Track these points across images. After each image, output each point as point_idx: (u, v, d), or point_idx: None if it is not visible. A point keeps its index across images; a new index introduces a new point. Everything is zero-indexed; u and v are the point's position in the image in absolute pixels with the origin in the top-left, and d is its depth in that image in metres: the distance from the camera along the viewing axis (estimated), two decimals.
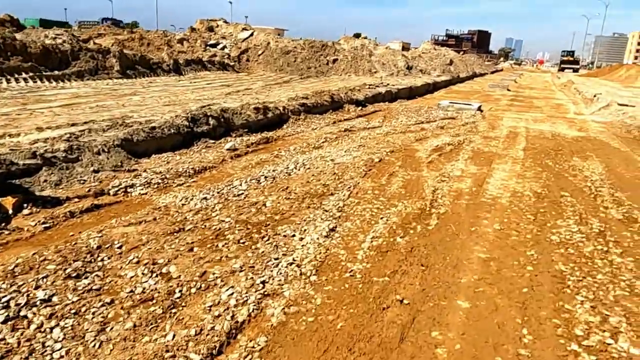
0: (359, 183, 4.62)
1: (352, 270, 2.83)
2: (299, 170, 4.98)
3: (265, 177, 4.63)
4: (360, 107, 10.24)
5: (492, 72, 42.69)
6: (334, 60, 17.16)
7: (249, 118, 6.97)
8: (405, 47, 61.43)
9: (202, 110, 6.53)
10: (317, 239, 3.22)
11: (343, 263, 2.93)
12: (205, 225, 3.36)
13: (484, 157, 6.19)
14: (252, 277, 2.66)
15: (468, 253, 3.18)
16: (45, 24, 36.31)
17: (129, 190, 4.03)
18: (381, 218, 3.71)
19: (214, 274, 2.68)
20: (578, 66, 63.91)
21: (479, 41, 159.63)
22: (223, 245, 3.06)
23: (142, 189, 4.06)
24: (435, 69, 22.08)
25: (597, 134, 8.72)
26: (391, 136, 7.26)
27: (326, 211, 3.77)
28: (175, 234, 3.19)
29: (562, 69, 59.93)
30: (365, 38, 38.74)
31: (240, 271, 2.72)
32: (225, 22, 20.11)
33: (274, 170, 4.88)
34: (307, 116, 8.26)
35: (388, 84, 14.02)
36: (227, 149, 5.73)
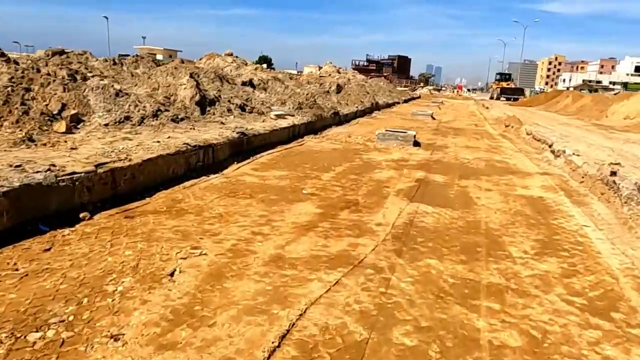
0: None
1: None
2: None
3: None
4: None
5: (406, 101, 33.34)
6: None
7: None
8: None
9: None
10: None
11: None
12: None
13: None
14: None
15: None
16: None
17: None
18: None
19: None
20: (523, 96, 47.69)
21: (400, 66, 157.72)
22: None
23: None
24: (285, 103, 11.55)
25: None
26: None
27: None
28: None
29: (498, 98, 45.95)
30: (231, 55, 28.04)
31: None
32: None
33: None
34: None
35: None
36: None
